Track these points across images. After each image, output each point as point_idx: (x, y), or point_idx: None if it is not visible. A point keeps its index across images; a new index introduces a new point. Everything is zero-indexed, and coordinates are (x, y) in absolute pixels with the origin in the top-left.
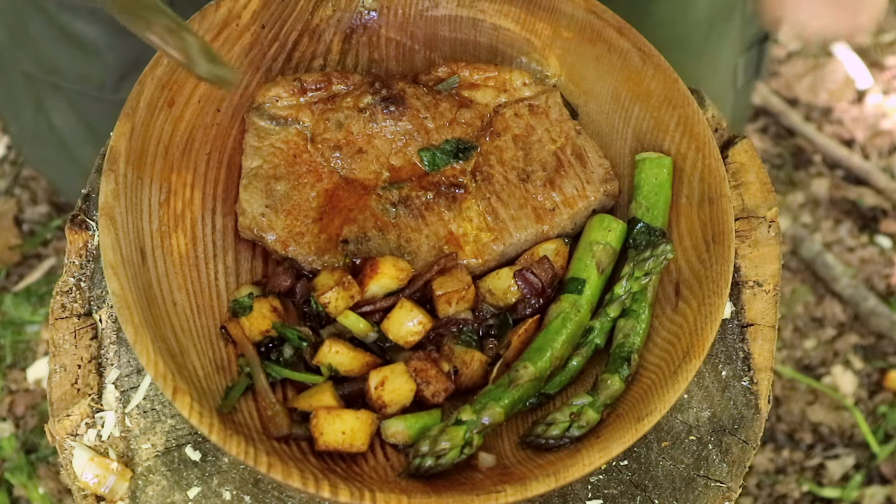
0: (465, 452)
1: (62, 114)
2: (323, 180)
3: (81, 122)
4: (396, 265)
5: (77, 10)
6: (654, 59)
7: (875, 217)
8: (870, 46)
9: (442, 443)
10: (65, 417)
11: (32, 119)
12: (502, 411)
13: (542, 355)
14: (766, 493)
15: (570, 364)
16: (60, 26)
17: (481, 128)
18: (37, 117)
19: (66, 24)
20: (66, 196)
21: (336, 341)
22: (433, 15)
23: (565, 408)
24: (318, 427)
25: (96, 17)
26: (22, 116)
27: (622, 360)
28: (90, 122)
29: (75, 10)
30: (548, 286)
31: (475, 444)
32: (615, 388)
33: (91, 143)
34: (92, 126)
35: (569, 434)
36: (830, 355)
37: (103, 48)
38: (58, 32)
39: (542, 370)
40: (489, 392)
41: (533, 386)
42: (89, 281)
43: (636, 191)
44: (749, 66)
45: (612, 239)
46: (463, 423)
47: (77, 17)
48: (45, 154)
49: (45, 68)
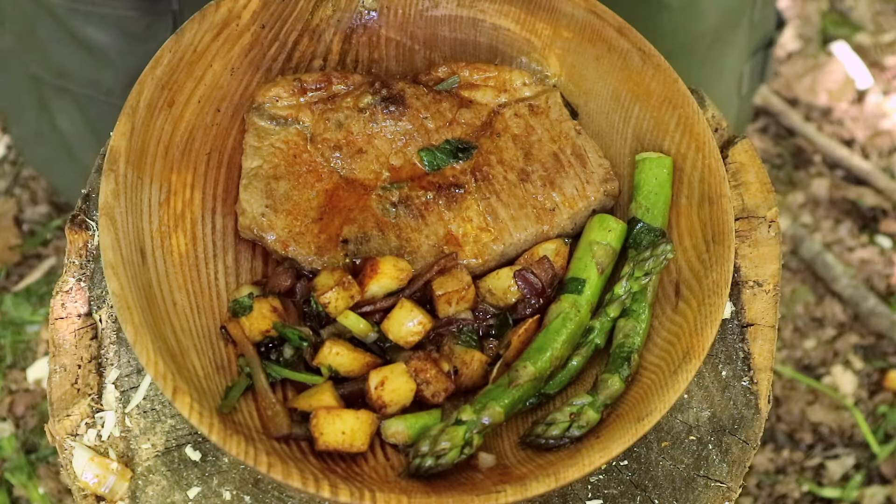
0: (465, 452)
1: (68, 116)
2: (323, 180)
3: (87, 126)
4: (397, 265)
5: (88, 15)
6: (654, 59)
7: (875, 217)
8: (870, 46)
9: (442, 443)
10: (65, 417)
11: (35, 119)
12: (502, 411)
13: (542, 355)
14: (766, 493)
15: (570, 364)
16: (71, 31)
17: (481, 128)
18: (40, 118)
19: (76, 29)
20: (66, 197)
21: (336, 342)
22: (433, 15)
23: (565, 408)
24: (318, 427)
25: (107, 23)
26: (25, 116)
27: (622, 360)
28: (96, 126)
29: (87, 15)
30: (548, 286)
31: (475, 444)
32: (615, 388)
33: (94, 147)
34: (98, 130)
35: (569, 434)
36: (830, 355)
37: (114, 54)
38: (68, 37)
39: (542, 370)
40: (489, 392)
41: (533, 386)
42: (89, 281)
43: (636, 191)
44: (754, 71)
45: (612, 239)
46: (463, 423)
47: (88, 23)
48: (46, 154)
49: (53, 72)
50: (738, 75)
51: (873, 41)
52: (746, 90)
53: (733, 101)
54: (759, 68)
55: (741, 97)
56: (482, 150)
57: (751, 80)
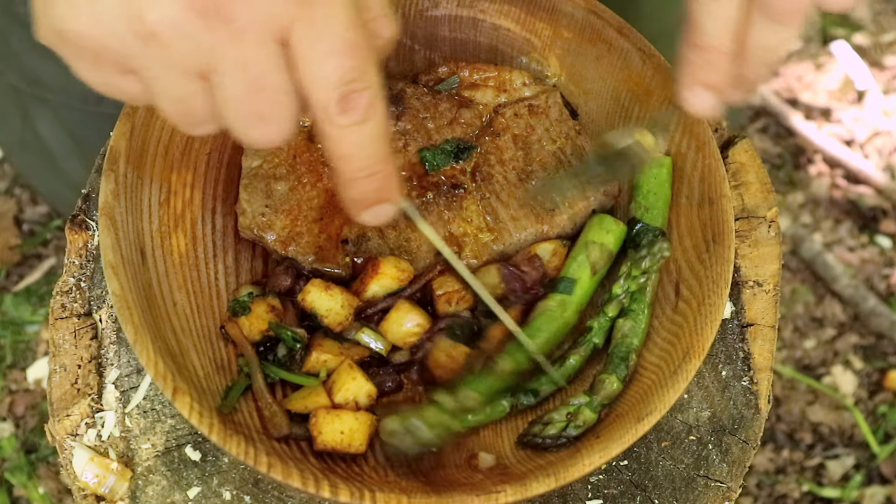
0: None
1: (48, 124)
2: (323, 180)
3: (66, 133)
4: (398, 265)
5: None
6: (654, 59)
7: (875, 217)
8: (870, 46)
9: (414, 422)
10: (65, 417)
11: (20, 128)
12: (478, 397)
13: (521, 349)
14: (766, 493)
15: (568, 362)
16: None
17: (481, 128)
18: (24, 126)
19: None
20: (51, 204)
21: (323, 350)
22: (433, 15)
23: (562, 407)
24: (316, 426)
25: None
26: (10, 125)
27: (620, 361)
28: (74, 133)
29: None
30: (534, 284)
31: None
32: (612, 389)
33: (76, 154)
34: (76, 137)
35: (566, 434)
36: (830, 355)
37: None
38: (40, 46)
39: (520, 363)
40: (467, 381)
41: (511, 378)
42: (89, 281)
43: (636, 191)
44: None
45: (610, 241)
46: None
47: None
48: (32, 162)
49: (28, 81)
50: None
51: (873, 41)
52: None
53: None
54: None
55: None
56: (482, 150)
57: None
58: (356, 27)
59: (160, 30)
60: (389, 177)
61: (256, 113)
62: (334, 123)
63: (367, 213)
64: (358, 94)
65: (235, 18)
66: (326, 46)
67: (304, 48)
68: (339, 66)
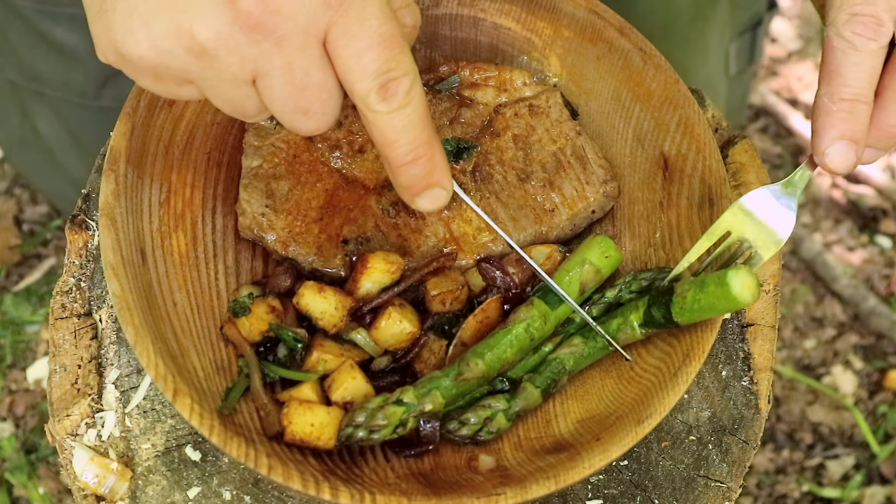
0: (398, 433)
1: (46, 120)
2: (323, 180)
3: (65, 129)
4: (387, 258)
5: (57, 17)
6: (654, 59)
7: (875, 217)
8: None
9: (379, 419)
10: (65, 417)
11: (19, 125)
12: (443, 401)
13: (495, 355)
14: (766, 493)
15: (543, 349)
16: (40, 33)
17: (481, 127)
18: (23, 123)
19: (46, 32)
20: (51, 201)
21: (323, 351)
22: (434, 14)
23: (480, 410)
24: (287, 416)
25: (76, 24)
26: (9, 122)
27: (550, 375)
28: (73, 129)
29: (55, 16)
30: (516, 286)
31: (409, 426)
32: (532, 399)
33: (74, 150)
34: (75, 132)
35: (478, 437)
36: (830, 355)
37: (84, 55)
38: (38, 40)
39: (490, 369)
40: (436, 378)
41: (479, 382)
42: (89, 281)
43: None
44: (742, 52)
45: (605, 266)
46: (403, 403)
47: (57, 24)
48: (32, 159)
49: (27, 76)
50: (724, 54)
51: None
52: (735, 71)
53: (721, 81)
54: (747, 49)
55: (729, 77)
56: (482, 150)
57: (738, 61)
58: (390, 20)
59: (210, 46)
60: (436, 160)
61: (301, 108)
62: (376, 111)
63: (419, 199)
64: (396, 82)
65: (276, 30)
66: (363, 43)
67: (341, 47)
68: (376, 58)
